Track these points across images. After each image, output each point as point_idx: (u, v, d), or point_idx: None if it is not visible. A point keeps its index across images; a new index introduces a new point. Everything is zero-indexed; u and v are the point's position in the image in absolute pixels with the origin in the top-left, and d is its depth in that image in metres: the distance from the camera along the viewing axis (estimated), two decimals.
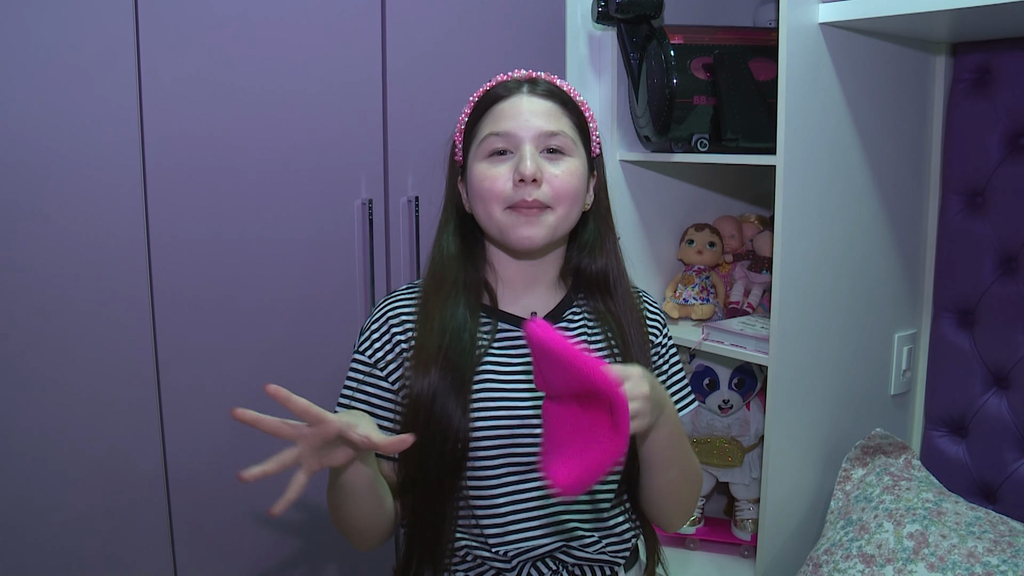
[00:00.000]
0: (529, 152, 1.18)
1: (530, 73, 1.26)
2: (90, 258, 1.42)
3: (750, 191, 2.22)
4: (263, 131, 1.56)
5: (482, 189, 1.20)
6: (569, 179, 1.20)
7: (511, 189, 1.18)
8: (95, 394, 1.45)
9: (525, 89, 1.22)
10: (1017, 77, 1.71)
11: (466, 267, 1.27)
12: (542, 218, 1.19)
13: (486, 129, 1.21)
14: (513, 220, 1.19)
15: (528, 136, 1.19)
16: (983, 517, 1.56)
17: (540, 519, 1.22)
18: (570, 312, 1.31)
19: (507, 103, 1.21)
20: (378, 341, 1.25)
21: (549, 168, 1.19)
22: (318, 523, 1.71)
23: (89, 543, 1.47)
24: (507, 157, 1.20)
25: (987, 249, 1.78)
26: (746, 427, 1.97)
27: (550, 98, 1.23)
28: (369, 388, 1.24)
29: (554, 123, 1.21)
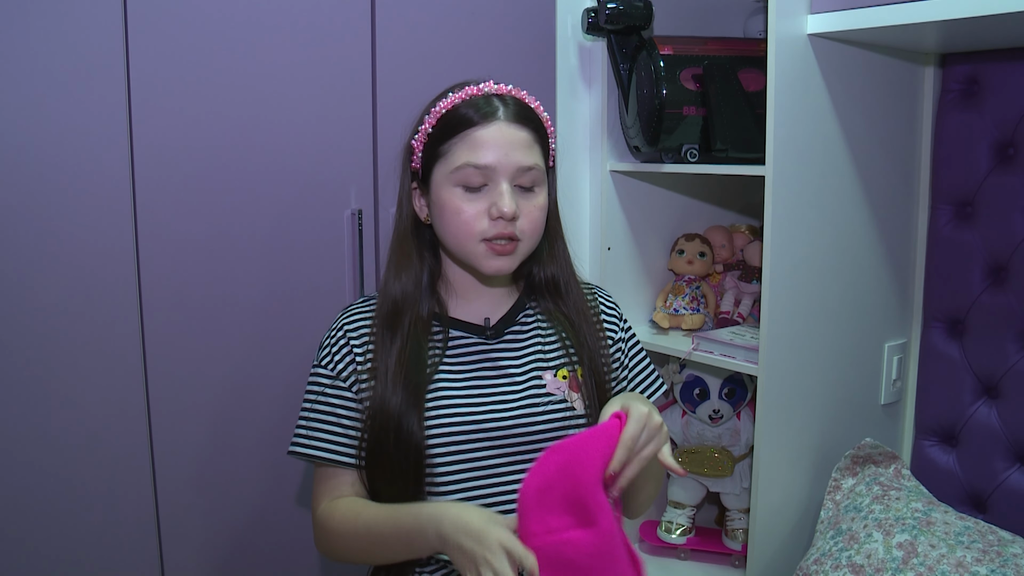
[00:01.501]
0: (507, 191, 1.18)
1: (500, 88, 1.23)
2: (78, 267, 1.42)
3: (740, 201, 2.23)
4: (253, 141, 1.56)
5: (457, 222, 1.20)
6: (540, 214, 1.23)
7: (487, 224, 1.19)
8: (82, 392, 1.44)
9: (501, 115, 1.20)
10: (1005, 88, 1.72)
11: (421, 280, 1.28)
12: (515, 251, 1.22)
13: (462, 156, 1.19)
14: (485, 252, 1.21)
15: (506, 172, 1.19)
16: (972, 527, 1.56)
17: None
18: (523, 315, 1.33)
19: (486, 132, 1.19)
20: (338, 354, 1.26)
21: (523, 203, 1.20)
22: (302, 520, 1.71)
23: (75, 538, 1.46)
24: (482, 192, 1.20)
25: (976, 259, 1.78)
26: (736, 437, 1.97)
27: (525, 124, 1.21)
28: (333, 399, 1.25)
29: (530, 156, 1.20)
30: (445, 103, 1.23)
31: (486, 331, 1.29)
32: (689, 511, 2.03)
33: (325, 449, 1.24)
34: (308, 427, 1.25)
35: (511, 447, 1.23)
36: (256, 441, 1.64)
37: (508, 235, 1.19)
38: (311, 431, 1.25)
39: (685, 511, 2.03)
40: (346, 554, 1.23)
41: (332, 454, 1.24)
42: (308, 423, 1.25)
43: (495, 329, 1.30)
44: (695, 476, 1.99)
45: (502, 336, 1.30)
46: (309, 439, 1.25)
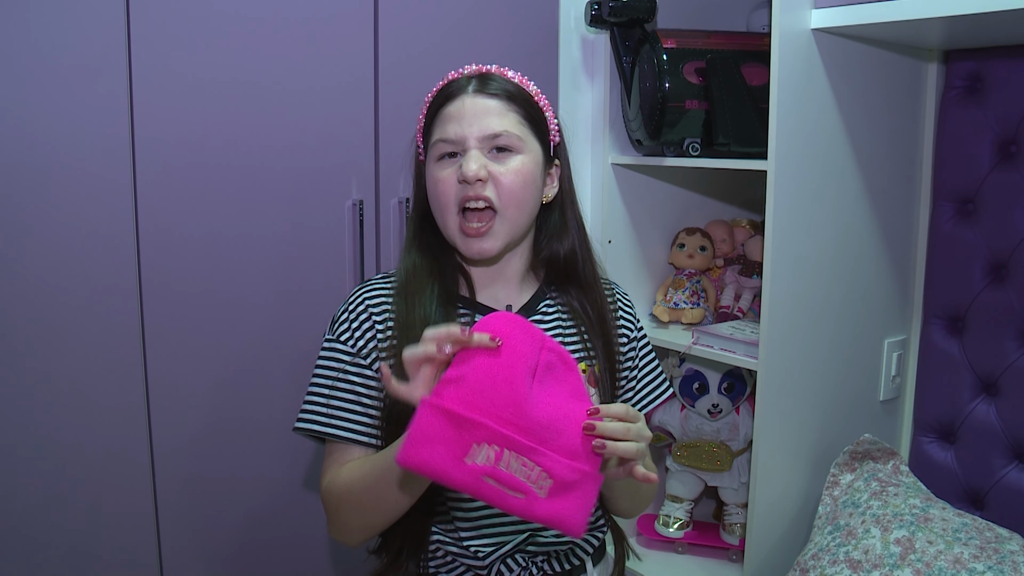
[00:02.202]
0: (473, 155, 1.19)
1: (480, 68, 1.26)
2: (79, 262, 1.42)
3: (741, 195, 2.22)
4: (254, 131, 1.56)
5: (435, 194, 1.22)
6: (514, 177, 1.21)
7: (458, 188, 1.20)
8: (82, 388, 1.44)
9: (471, 88, 1.22)
10: (1009, 85, 1.72)
11: (439, 261, 1.28)
12: (493, 230, 1.21)
13: (436, 134, 1.23)
14: (460, 234, 1.21)
15: (472, 138, 1.20)
16: (970, 524, 1.57)
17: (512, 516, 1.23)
18: (544, 305, 1.32)
19: (453, 106, 1.22)
20: (358, 329, 1.24)
21: (495, 167, 1.20)
22: (301, 515, 1.71)
23: (73, 533, 1.46)
24: (455, 160, 1.21)
25: (977, 256, 1.78)
26: (735, 431, 1.97)
27: (496, 96, 1.22)
28: (354, 377, 1.23)
29: (498, 123, 1.21)
30: (429, 95, 1.27)
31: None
32: (687, 505, 2.03)
33: (345, 428, 1.21)
34: (323, 404, 1.22)
35: None
36: (256, 434, 1.64)
37: (474, 197, 1.19)
38: (328, 409, 1.22)
39: (683, 505, 2.03)
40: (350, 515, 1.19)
41: (352, 433, 1.22)
42: (324, 400, 1.23)
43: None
44: (693, 470, 1.99)
45: None
46: (325, 416, 1.22)
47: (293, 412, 1.47)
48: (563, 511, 0.99)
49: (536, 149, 1.24)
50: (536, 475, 0.98)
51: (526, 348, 1.02)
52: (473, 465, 0.96)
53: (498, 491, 0.97)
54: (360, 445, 1.22)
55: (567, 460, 1.00)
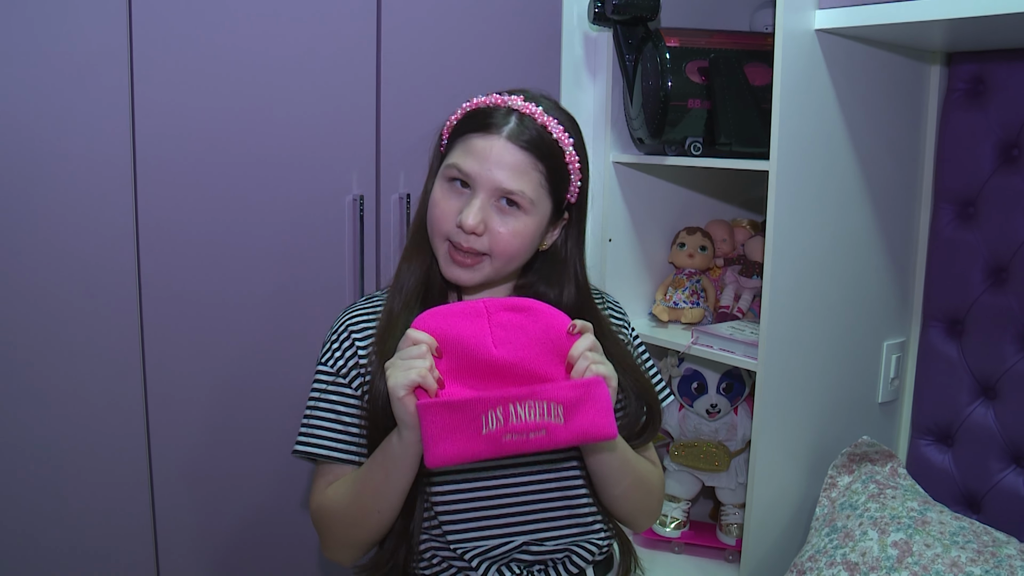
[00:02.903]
0: (477, 204, 1.16)
1: (526, 106, 1.19)
2: (78, 255, 1.42)
3: (742, 195, 2.22)
4: (255, 126, 1.56)
5: (432, 214, 1.21)
6: (512, 239, 1.19)
7: (452, 227, 1.18)
8: (80, 388, 1.44)
9: (506, 132, 1.17)
10: (1011, 88, 1.71)
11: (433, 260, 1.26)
12: (479, 267, 1.20)
13: (455, 156, 1.19)
14: (446, 256, 1.20)
15: (486, 187, 1.17)
16: (967, 527, 1.57)
17: (500, 518, 1.22)
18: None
19: (483, 141, 1.17)
20: (338, 351, 1.25)
21: (496, 222, 1.18)
22: (298, 517, 1.71)
23: (71, 536, 1.46)
24: (464, 192, 1.19)
25: (977, 259, 1.78)
26: (733, 432, 1.97)
27: (527, 148, 1.17)
28: (333, 396, 1.24)
29: (517, 180, 1.17)
30: (477, 100, 1.22)
31: None
32: (684, 505, 2.03)
33: (325, 447, 1.23)
34: (310, 426, 1.24)
35: None
36: (253, 437, 1.64)
37: (465, 247, 1.18)
38: (312, 430, 1.24)
39: (680, 505, 2.03)
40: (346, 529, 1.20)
41: (332, 451, 1.23)
42: (309, 422, 1.25)
43: None
44: (691, 470, 1.99)
45: None
46: (310, 437, 1.24)
47: (291, 412, 1.47)
48: (585, 424, 1.07)
49: (546, 210, 1.22)
50: (545, 409, 1.06)
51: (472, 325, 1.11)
52: (489, 432, 1.04)
53: (521, 440, 1.05)
54: (344, 464, 1.23)
55: (564, 382, 1.09)
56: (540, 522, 1.24)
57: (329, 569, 1.77)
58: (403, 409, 1.06)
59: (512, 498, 1.23)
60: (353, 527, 1.19)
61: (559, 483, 1.25)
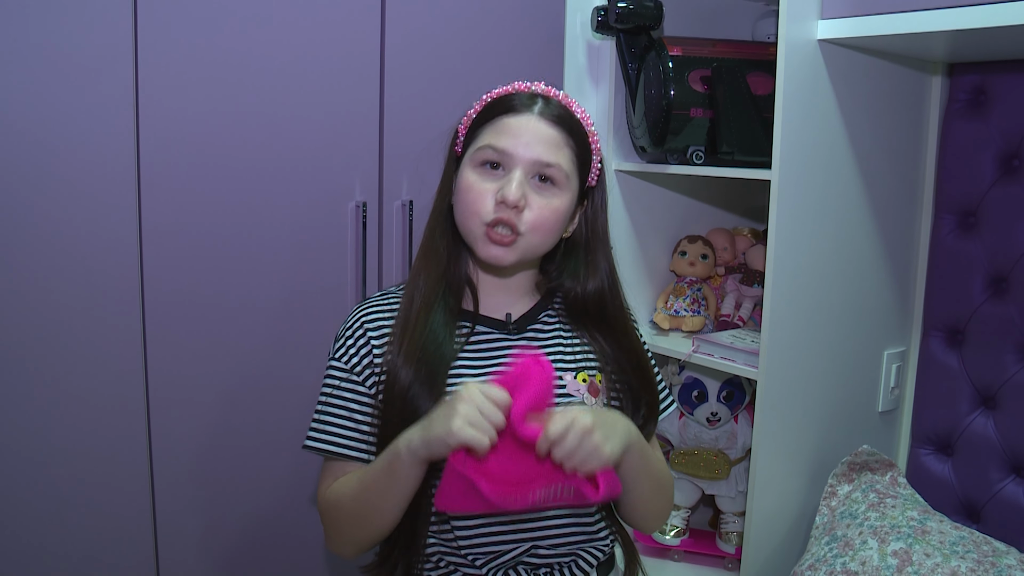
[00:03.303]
0: (518, 178, 1.17)
1: (548, 90, 1.24)
2: (81, 258, 1.42)
3: (744, 204, 2.23)
4: (259, 131, 1.56)
5: (466, 199, 1.20)
6: (550, 214, 1.20)
7: (491, 206, 1.18)
8: (82, 391, 1.44)
9: (536, 109, 1.20)
10: (1012, 98, 1.72)
11: (450, 259, 1.27)
12: (514, 244, 1.20)
13: (486, 138, 1.20)
14: (483, 237, 1.20)
15: (523, 161, 1.18)
16: (967, 537, 1.57)
17: (511, 523, 1.22)
18: (545, 315, 1.32)
19: (514, 120, 1.19)
20: (353, 347, 1.25)
21: (534, 197, 1.19)
22: (301, 518, 1.71)
23: (71, 538, 1.46)
24: (498, 173, 1.19)
25: (978, 269, 1.79)
26: (733, 440, 1.97)
27: (558, 124, 1.20)
28: (346, 393, 1.24)
29: (553, 154, 1.19)
30: (495, 92, 1.24)
31: (508, 326, 1.28)
32: (684, 513, 2.03)
33: (336, 443, 1.23)
34: (321, 421, 1.24)
35: None
36: (256, 438, 1.64)
37: (507, 222, 1.17)
38: (324, 425, 1.24)
39: (680, 513, 2.03)
40: (349, 527, 1.20)
41: (343, 448, 1.23)
42: (321, 417, 1.25)
43: (517, 324, 1.29)
44: (690, 478, 1.99)
45: (523, 332, 1.29)
46: (321, 432, 1.24)
47: (294, 415, 1.47)
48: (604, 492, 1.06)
49: (575, 189, 1.24)
50: (560, 493, 1.07)
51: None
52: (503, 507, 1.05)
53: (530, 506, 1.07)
54: (353, 460, 1.23)
55: (588, 484, 1.07)
56: (549, 528, 1.25)
57: (333, 572, 1.77)
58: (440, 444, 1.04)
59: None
60: (356, 524, 1.20)
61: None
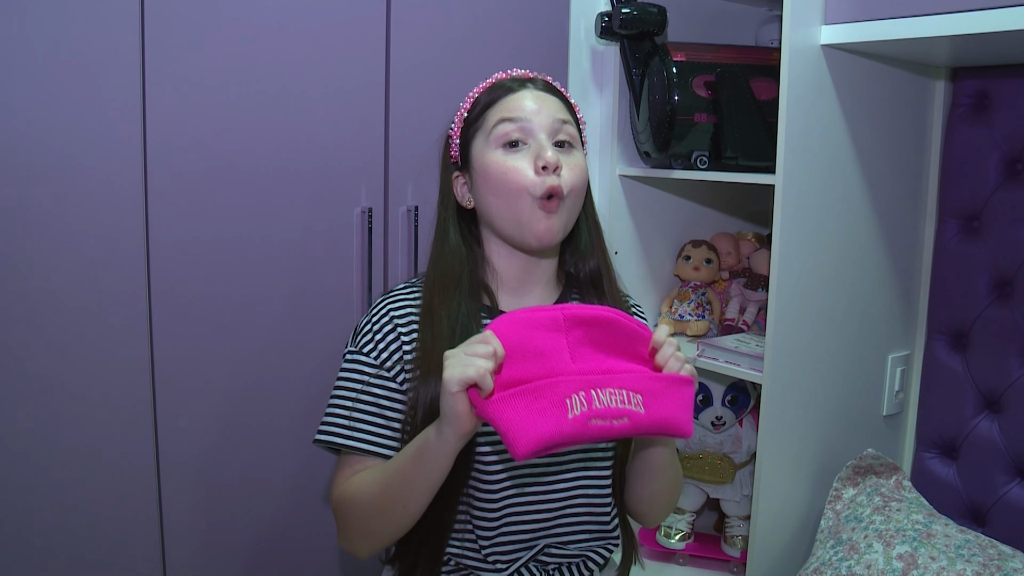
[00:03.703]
0: (546, 142, 1.19)
1: (527, 72, 1.29)
2: (88, 261, 1.42)
3: (748, 208, 2.23)
4: (265, 136, 1.57)
5: (507, 181, 1.20)
6: (580, 172, 1.23)
7: (534, 177, 1.19)
8: (88, 393, 1.44)
9: (530, 85, 1.25)
10: (1015, 103, 1.73)
11: (468, 266, 1.27)
12: (561, 208, 1.21)
13: (496, 117, 1.22)
14: (534, 211, 1.20)
15: (542, 125, 1.20)
16: (972, 540, 1.57)
17: (533, 524, 1.23)
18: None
19: (516, 96, 1.23)
20: (382, 341, 1.24)
21: (564, 158, 1.21)
22: (308, 522, 1.71)
23: (78, 540, 1.46)
24: (522, 148, 1.20)
25: (982, 273, 1.79)
26: (738, 444, 1.97)
27: (553, 93, 1.26)
28: (377, 390, 1.23)
29: (564, 112, 1.24)
30: (477, 89, 1.28)
31: None
32: (689, 516, 2.03)
33: (365, 440, 1.21)
34: (346, 418, 1.22)
35: None
36: (262, 443, 1.64)
37: (556, 189, 1.19)
38: (350, 422, 1.22)
39: (685, 516, 2.03)
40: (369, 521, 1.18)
41: (371, 444, 1.21)
42: (346, 414, 1.22)
43: None
44: (695, 482, 1.99)
45: None
46: (347, 428, 1.21)
47: (301, 420, 1.47)
48: (667, 415, 1.06)
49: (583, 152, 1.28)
50: (626, 397, 1.05)
51: (549, 339, 1.07)
52: (575, 416, 1.01)
53: (607, 426, 1.02)
54: (376, 456, 1.22)
55: (641, 371, 1.09)
56: (566, 527, 1.26)
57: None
58: (451, 404, 1.01)
59: (543, 504, 1.24)
60: (376, 518, 1.17)
61: (588, 488, 1.27)
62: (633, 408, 1.04)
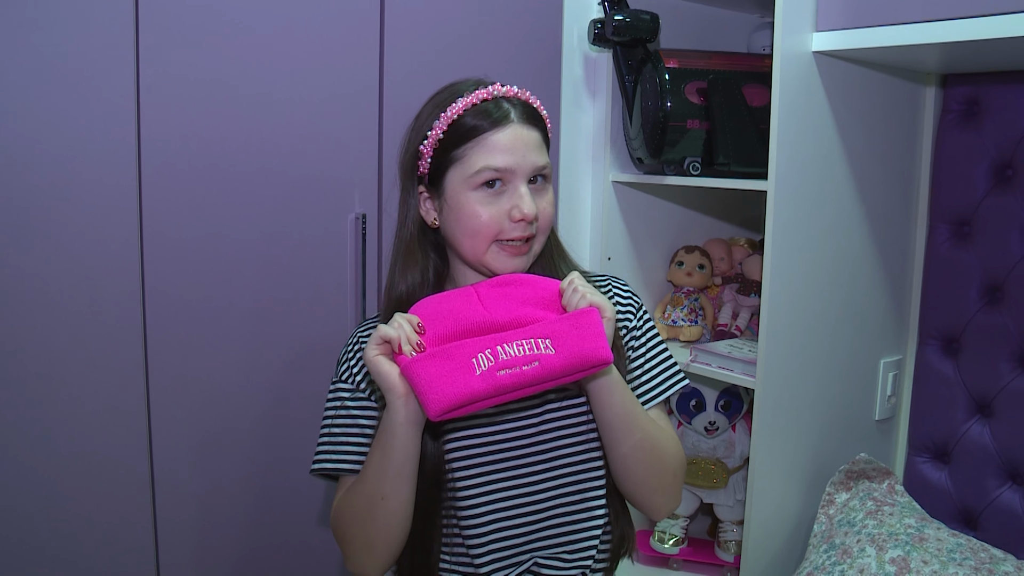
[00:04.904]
0: (526, 192, 1.18)
1: (508, 91, 1.23)
2: (82, 264, 1.42)
3: (740, 214, 2.24)
4: (259, 142, 1.57)
5: (477, 224, 1.19)
6: (549, 208, 1.23)
7: (507, 225, 1.19)
8: (82, 396, 1.44)
9: (513, 117, 1.20)
10: (1005, 109, 1.74)
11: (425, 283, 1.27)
12: (530, 250, 1.22)
13: (479, 160, 1.18)
14: (498, 254, 1.20)
15: (524, 172, 1.19)
16: (964, 544, 1.58)
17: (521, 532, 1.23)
18: None
19: (502, 134, 1.19)
20: (356, 365, 1.26)
21: (538, 202, 1.20)
22: (302, 522, 1.71)
23: (72, 540, 1.46)
24: (499, 191, 1.19)
25: (972, 278, 1.80)
26: (731, 449, 1.98)
27: (534, 125, 1.22)
28: (356, 411, 1.24)
29: (543, 155, 1.21)
30: (455, 108, 1.21)
31: None
32: (682, 521, 2.04)
33: (354, 461, 1.22)
34: (331, 443, 1.24)
35: (526, 446, 1.23)
36: (254, 447, 1.64)
37: (525, 236, 1.19)
38: (335, 446, 1.23)
39: (678, 521, 2.03)
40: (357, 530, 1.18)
41: (359, 465, 1.22)
42: (331, 439, 1.24)
43: None
44: (689, 487, 1.99)
45: None
46: (333, 454, 1.23)
47: (295, 423, 1.46)
48: (576, 350, 1.08)
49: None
50: (534, 344, 1.08)
51: (461, 297, 1.16)
52: (483, 372, 1.05)
53: (516, 374, 1.06)
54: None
55: (551, 316, 1.13)
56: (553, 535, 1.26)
57: None
58: (374, 367, 1.08)
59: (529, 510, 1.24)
60: (364, 523, 1.17)
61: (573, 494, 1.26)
62: (543, 352, 1.07)
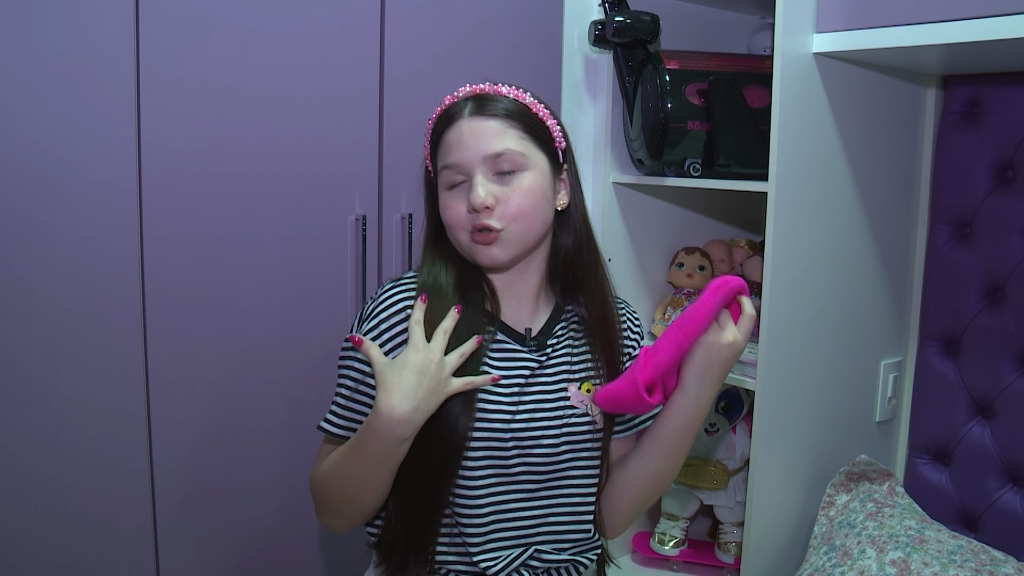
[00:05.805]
0: (479, 181, 1.19)
1: (475, 89, 1.26)
2: (82, 263, 1.42)
3: (740, 215, 2.24)
4: (259, 143, 1.57)
5: (448, 221, 1.24)
6: (523, 198, 1.21)
7: (468, 216, 1.21)
8: (82, 396, 1.44)
9: (467, 112, 1.22)
10: (1006, 110, 1.74)
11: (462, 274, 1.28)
12: (502, 238, 1.21)
13: (441, 161, 1.24)
14: (471, 245, 1.22)
15: (475, 163, 1.20)
16: (965, 546, 1.57)
17: (519, 528, 1.24)
18: (559, 327, 1.33)
19: (452, 132, 1.23)
20: (388, 332, 1.24)
21: (502, 191, 1.20)
22: (302, 523, 1.71)
23: (72, 543, 1.46)
24: (464, 187, 1.22)
25: (973, 279, 1.80)
26: (731, 450, 1.98)
27: (494, 115, 1.22)
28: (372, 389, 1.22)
29: (498, 143, 1.20)
30: (431, 119, 1.28)
31: (528, 341, 1.29)
32: (683, 523, 2.04)
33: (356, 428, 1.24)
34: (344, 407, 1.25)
35: (534, 455, 1.24)
36: (256, 446, 1.64)
37: (483, 226, 1.20)
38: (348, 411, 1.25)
39: (679, 523, 2.03)
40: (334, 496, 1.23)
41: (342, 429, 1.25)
42: (346, 402, 1.25)
43: (537, 341, 1.30)
44: (689, 488, 1.99)
45: (544, 349, 1.30)
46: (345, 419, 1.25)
47: (295, 424, 1.46)
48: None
49: (542, 161, 1.25)
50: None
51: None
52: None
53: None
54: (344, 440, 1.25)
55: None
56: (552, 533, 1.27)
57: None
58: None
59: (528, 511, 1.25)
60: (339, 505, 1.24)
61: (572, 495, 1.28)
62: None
